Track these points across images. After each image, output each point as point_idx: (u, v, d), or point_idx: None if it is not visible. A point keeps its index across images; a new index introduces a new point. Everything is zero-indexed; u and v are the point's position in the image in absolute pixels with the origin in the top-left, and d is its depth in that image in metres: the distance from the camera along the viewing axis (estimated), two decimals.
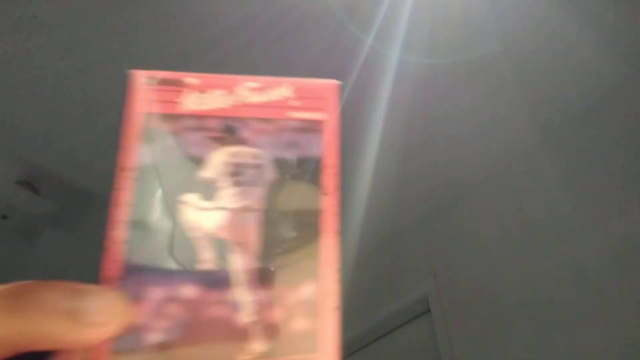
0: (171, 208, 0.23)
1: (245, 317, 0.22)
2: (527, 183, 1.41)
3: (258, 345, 0.21)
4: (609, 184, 1.17)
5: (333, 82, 0.26)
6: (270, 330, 0.22)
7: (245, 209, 0.23)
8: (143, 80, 0.24)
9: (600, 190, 1.19)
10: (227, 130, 0.24)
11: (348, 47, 1.21)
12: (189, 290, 0.21)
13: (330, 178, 0.24)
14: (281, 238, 0.23)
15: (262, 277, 0.22)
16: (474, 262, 1.48)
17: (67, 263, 2.00)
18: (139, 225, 0.22)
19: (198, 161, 0.23)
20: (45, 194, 1.78)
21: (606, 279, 1.08)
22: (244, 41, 1.23)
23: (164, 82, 0.24)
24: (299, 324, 0.22)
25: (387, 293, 1.77)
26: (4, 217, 1.85)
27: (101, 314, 0.19)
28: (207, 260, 0.22)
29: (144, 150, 0.23)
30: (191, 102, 0.24)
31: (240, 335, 0.21)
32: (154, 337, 0.21)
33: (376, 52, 1.21)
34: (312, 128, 0.25)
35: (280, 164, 0.24)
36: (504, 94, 1.30)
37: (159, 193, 0.23)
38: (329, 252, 0.23)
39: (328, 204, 0.23)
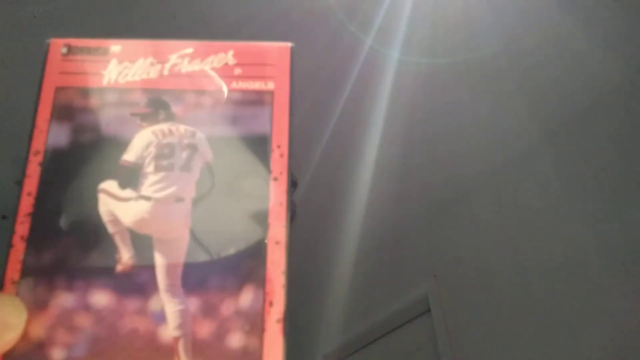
0: (86, 198, 0.19)
1: (169, 331, 0.17)
2: (526, 183, 1.41)
3: None
4: (608, 182, 1.17)
5: (284, 45, 0.22)
6: (200, 348, 0.17)
7: (173, 199, 0.19)
8: (60, 50, 0.21)
9: (600, 188, 1.19)
10: (155, 104, 0.20)
11: (348, 47, 1.21)
12: (102, 297, 0.17)
13: (279, 160, 0.20)
14: (217, 233, 0.19)
15: (192, 282, 0.18)
16: (474, 262, 1.48)
17: None
18: (48, 218, 0.18)
19: (120, 142, 0.20)
20: None
21: (606, 278, 1.08)
22: (243, 41, 1.23)
23: (85, 51, 0.21)
24: (236, 340, 0.17)
25: (387, 293, 1.77)
26: (4, 217, 1.85)
27: None
28: (126, 260, 0.18)
29: (57, 131, 0.20)
30: (115, 73, 0.20)
31: (163, 354, 0.17)
32: (58, 354, 0.17)
33: (376, 52, 1.21)
34: (258, 100, 0.21)
35: (219, 144, 0.20)
36: (504, 94, 1.30)
37: (72, 180, 0.19)
38: (274, 251, 0.18)
39: (276, 191, 0.19)
